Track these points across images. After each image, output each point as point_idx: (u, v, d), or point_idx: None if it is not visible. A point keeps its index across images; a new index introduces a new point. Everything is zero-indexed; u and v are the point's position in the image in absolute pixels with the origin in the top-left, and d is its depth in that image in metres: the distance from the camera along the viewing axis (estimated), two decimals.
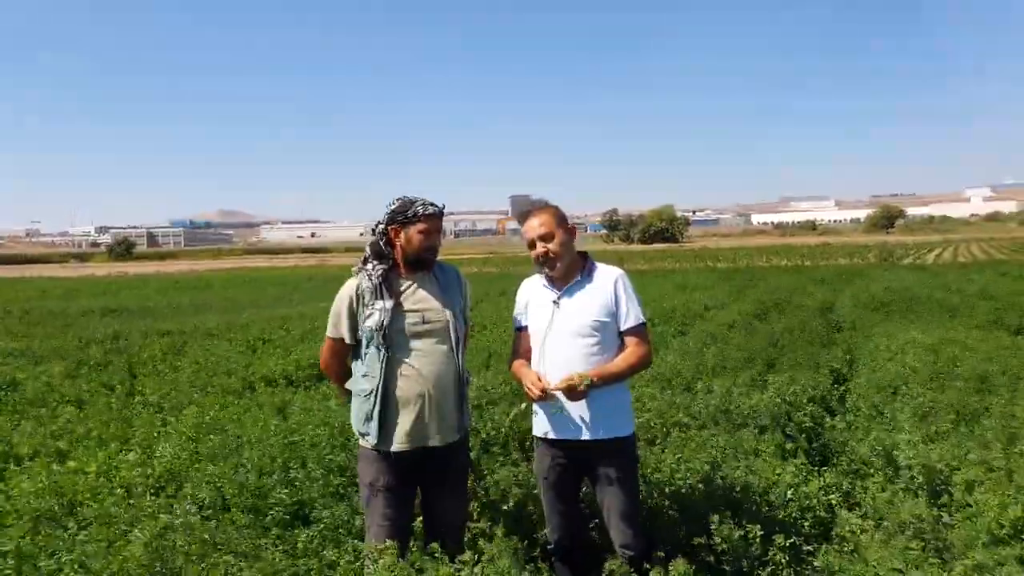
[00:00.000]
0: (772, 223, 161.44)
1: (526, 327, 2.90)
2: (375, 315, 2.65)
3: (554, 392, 2.68)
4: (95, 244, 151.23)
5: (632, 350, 2.77)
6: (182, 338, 10.66)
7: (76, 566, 2.74)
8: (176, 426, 5.20)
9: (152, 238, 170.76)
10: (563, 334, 2.75)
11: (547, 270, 2.82)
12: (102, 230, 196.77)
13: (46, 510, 3.51)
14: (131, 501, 3.60)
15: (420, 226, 2.69)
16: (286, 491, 3.48)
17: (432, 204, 2.73)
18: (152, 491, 3.84)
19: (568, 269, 2.81)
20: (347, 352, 2.78)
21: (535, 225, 2.79)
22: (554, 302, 2.80)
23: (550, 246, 2.77)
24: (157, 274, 43.68)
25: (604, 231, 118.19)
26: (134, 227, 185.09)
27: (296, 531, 3.13)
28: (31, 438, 5.08)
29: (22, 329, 12.82)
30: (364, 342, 2.71)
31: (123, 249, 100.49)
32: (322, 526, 3.13)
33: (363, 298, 2.69)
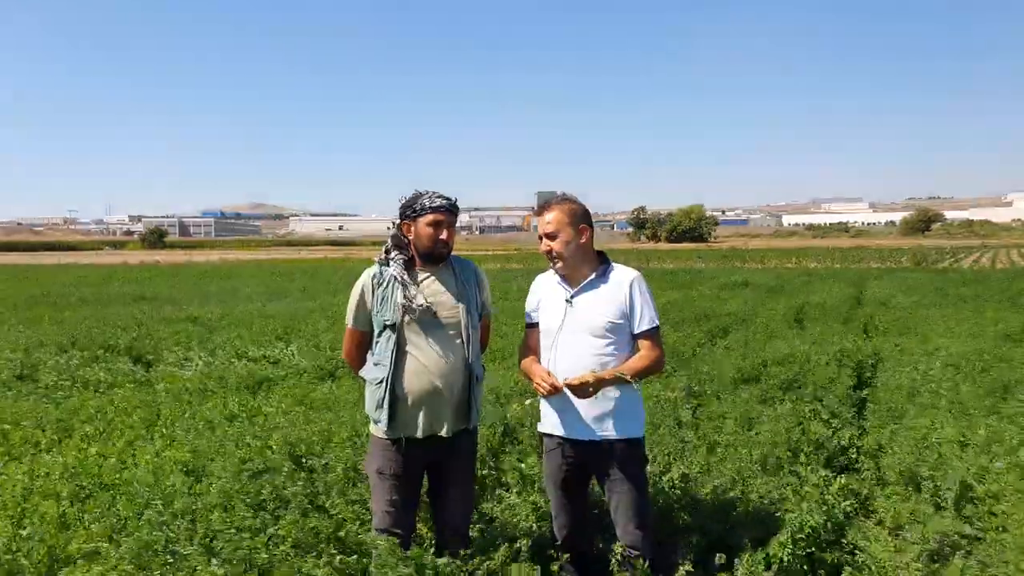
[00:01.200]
0: (804, 224, 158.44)
1: (537, 323, 2.88)
2: (388, 305, 2.67)
3: (564, 388, 2.65)
4: (129, 233, 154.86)
5: (645, 353, 2.74)
6: (208, 327, 10.84)
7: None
8: (200, 412, 5.29)
9: (184, 227, 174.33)
10: (576, 333, 2.73)
11: (552, 266, 2.82)
12: (136, 219, 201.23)
13: (74, 490, 3.59)
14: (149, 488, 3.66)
15: (428, 218, 2.67)
16: (300, 481, 3.52)
17: (440, 196, 2.70)
18: (172, 477, 3.90)
19: (579, 268, 2.79)
20: (365, 341, 2.79)
21: (545, 221, 2.77)
22: (567, 301, 2.77)
23: (553, 244, 2.75)
24: (188, 263, 44.50)
25: (631, 229, 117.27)
26: (166, 216, 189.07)
27: (305, 519, 3.16)
28: (54, 423, 5.20)
29: (53, 314, 13.15)
30: (376, 331, 2.73)
31: (155, 238, 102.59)
32: (325, 514, 3.16)
33: (377, 288, 2.71)
